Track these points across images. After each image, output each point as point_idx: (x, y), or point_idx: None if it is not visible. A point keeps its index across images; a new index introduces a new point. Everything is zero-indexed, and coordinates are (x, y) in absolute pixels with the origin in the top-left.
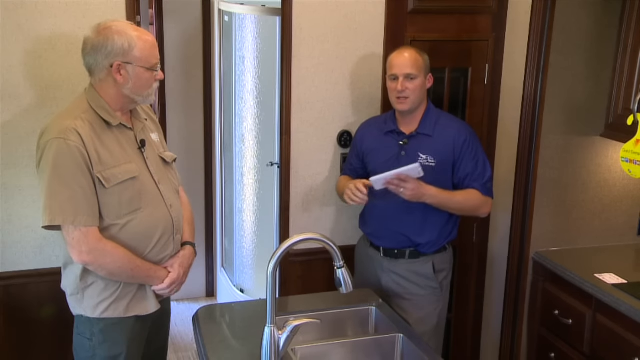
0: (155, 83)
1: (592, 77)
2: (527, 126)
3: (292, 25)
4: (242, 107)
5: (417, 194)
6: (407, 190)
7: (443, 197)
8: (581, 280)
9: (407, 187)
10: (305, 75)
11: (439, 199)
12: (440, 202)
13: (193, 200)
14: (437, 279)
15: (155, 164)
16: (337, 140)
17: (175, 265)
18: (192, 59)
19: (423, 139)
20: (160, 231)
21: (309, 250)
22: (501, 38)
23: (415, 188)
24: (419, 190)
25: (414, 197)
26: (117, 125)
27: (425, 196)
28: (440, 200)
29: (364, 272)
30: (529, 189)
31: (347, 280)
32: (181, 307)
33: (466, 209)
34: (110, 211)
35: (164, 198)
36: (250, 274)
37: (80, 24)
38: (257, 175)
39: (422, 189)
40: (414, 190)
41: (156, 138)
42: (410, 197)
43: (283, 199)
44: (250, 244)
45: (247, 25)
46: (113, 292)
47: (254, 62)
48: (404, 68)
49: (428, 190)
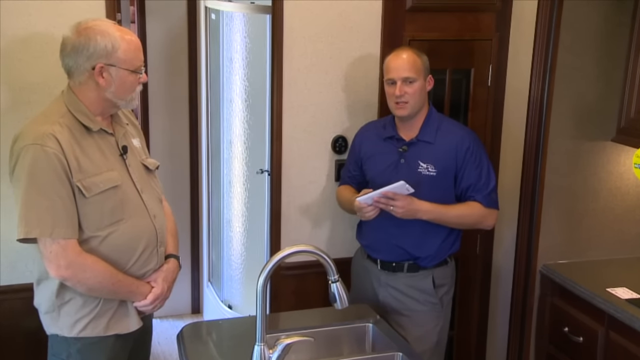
0: (139, 86)
1: (602, 77)
2: (533, 130)
3: (283, 24)
4: (230, 110)
5: (409, 210)
6: (397, 208)
7: (438, 212)
8: (592, 295)
9: (397, 205)
10: (297, 77)
11: (434, 214)
12: (436, 217)
13: (178, 211)
14: (437, 294)
15: (138, 172)
16: (332, 146)
17: (158, 279)
18: (177, 60)
19: (424, 146)
20: (144, 243)
21: (301, 263)
22: (505, 37)
23: (405, 205)
24: (411, 207)
25: (406, 215)
26: (98, 130)
27: (419, 212)
28: (436, 215)
29: (360, 286)
30: (536, 198)
31: (342, 295)
32: (165, 324)
33: (466, 223)
34: (91, 222)
35: (147, 208)
36: (239, 289)
37: (56, 23)
38: (246, 183)
39: (414, 205)
40: (404, 208)
41: (138, 144)
42: (402, 215)
43: (274, 209)
44: (238, 257)
45: (236, 23)
46: (92, 309)
47: (242, 63)
48: (401, 71)
49: (421, 205)
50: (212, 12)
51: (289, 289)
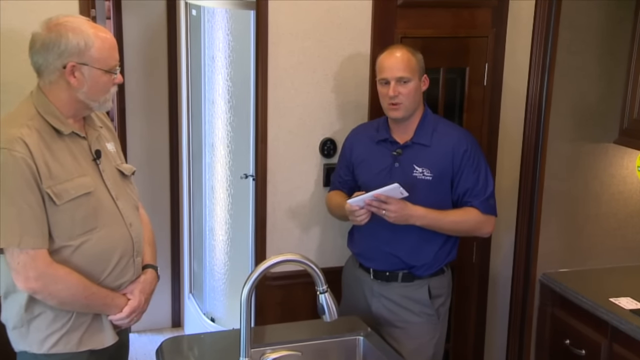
0: (114, 87)
1: (604, 76)
2: (531, 132)
3: (268, 20)
4: (212, 112)
5: (402, 215)
6: (389, 212)
7: (433, 217)
8: (595, 305)
9: (389, 209)
10: (283, 77)
11: (429, 219)
12: (430, 223)
13: (157, 218)
14: (434, 305)
15: (112, 178)
16: (320, 149)
17: (135, 291)
18: (156, 58)
19: (419, 149)
20: (119, 253)
21: (288, 273)
22: (502, 34)
23: (398, 209)
24: (404, 212)
25: (399, 220)
26: (69, 134)
27: (412, 217)
28: (430, 221)
29: (351, 297)
30: (535, 203)
31: (331, 306)
32: (143, 339)
33: (462, 230)
34: (62, 231)
35: (123, 216)
36: (222, 301)
37: (27, 19)
38: (229, 189)
39: (407, 210)
40: (397, 212)
41: (112, 148)
42: (395, 220)
43: (259, 216)
44: (222, 267)
45: (218, 20)
46: (64, 324)
47: (225, 61)
48: (395, 71)
49: (414, 210)
50: (193, 7)
51: (275, 300)
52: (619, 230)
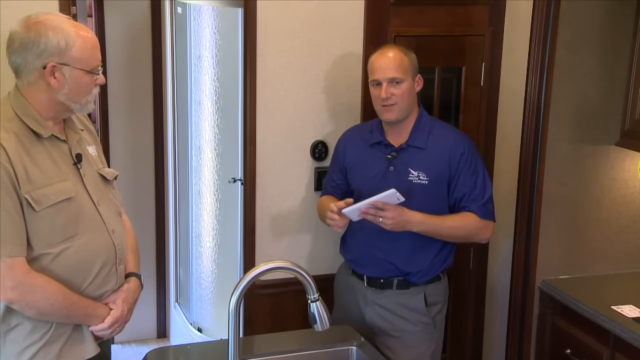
0: (96, 88)
1: (605, 76)
2: (530, 134)
3: (256, 18)
4: (198, 114)
5: (400, 222)
6: (386, 219)
7: (431, 223)
8: (596, 314)
9: (387, 216)
10: (272, 77)
11: (427, 225)
12: (428, 229)
13: (142, 224)
14: (430, 313)
15: (94, 182)
16: (311, 152)
17: (118, 300)
18: (139, 58)
19: (414, 152)
20: (101, 261)
21: (278, 281)
22: (499, 32)
23: (395, 216)
24: (402, 218)
25: (396, 226)
26: (49, 137)
27: (410, 224)
28: (428, 227)
29: (344, 305)
30: (534, 208)
31: (322, 315)
32: (127, 350)
33: (460, 236)
34: (41, 238)
35: (105, 222)
36: (210, 310)
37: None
38: (217, 193)
39: (405, 216)
40: (394, 219)
41: (94, 152)
42: (392, 227)
43: (248, 222)
44: (209, 275)
45: (204, 18)
46: (43, 335)
47: (212, 61)
48: (387, 71)
49: (412, 216)
50: (178, 5)
51: (265, 309)
52: (621, 235)
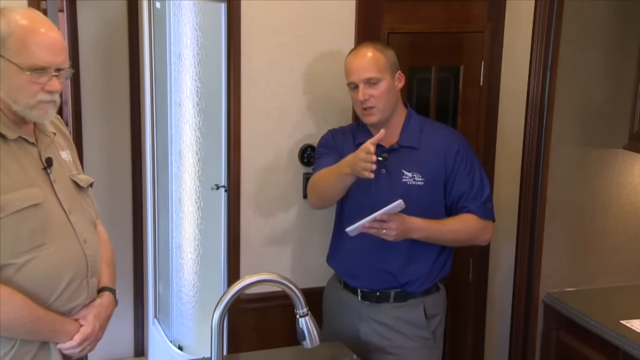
0: (44, 94)
1: (612, 75)
2: (533, 137)
3: (240, 14)
4: (179, 116)
5: (402, 231)
6: (391, 230)
7: (432, 228)
8: (604, 329)
9: (391, 227)
10: (257, 77)
11: (428, 231)
12: (429, 234)
13: (118, 234)
14: (430, 326)
15: (66, 189)
16: (299, 157)
17: (89, 316)
18: (115, 56)
19: (407, 152)
20: (71, 273)
21: (264, 294)
22: (500, 29)
23: (399, 226)
24: (404, 227)
25: (400, 236)
26: (16, 139)
27: (411, 231)
28: (430, 232)
29: (334, 322)
30: (537, 215)
31: (312, 331)
32: None
33: (462, 239)
34: (5, 247)
35: (76, 231)
36: (191, 327)
37: None
38: (199, 201)
39: (407, 224)
40: (398, 229)
41: (67, 157)
42: (395, 238)
43: (232, 231)
44: (190, 289)
45: (185, 13)
46: (6, 353)
47: (193, 59)
48: (362, 72)
49: (414, 223)
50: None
51: (250, 325)
52: (629, 244)
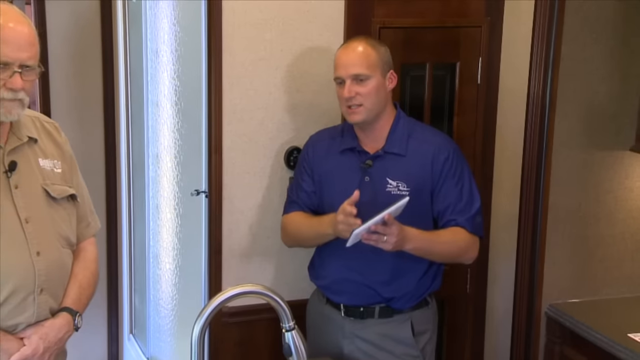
0: (5, 92)
1: (617, 72)
2: (534, 139)
3: (222, 8)
4: (156, 117)
5: (399, 240)
6: (391, 236)
7: (425, 238)
8: (610, 342)
9: (393, 233)
10: (240, 75)
11: (421, 241)
12: (422, 245)
13: None
14: (418, 343)
15: (30, 197)
16: (285, 160)
17: (33, 337)
18: (88, 53)
19: (392, 159)
20: (12, 285)
21: (248, 307)
22: (498, 23)
23: (399, 232)
24: (402, 235)
25: (397, 246)
26: None
27: (406, 240)
28: (423, 242)
29: (318, 339)
30: (539, 222)
31: (298, 346)
32: None
33: (451, 253)
34: None
35: (29, 242)
36: (169, 342)
37: None
38: (177, 207)
39: (404, 232)
40: (398, 236)
41: (50, 166)
42: (394, 247)
43: (213, 240)
44: (169, 301)
45: (162, 7)
46: None
47: (171, 56)
48: (350, 67)
49: (409, 231)
50: None
51: (233, 339)
52: (637, 253)
